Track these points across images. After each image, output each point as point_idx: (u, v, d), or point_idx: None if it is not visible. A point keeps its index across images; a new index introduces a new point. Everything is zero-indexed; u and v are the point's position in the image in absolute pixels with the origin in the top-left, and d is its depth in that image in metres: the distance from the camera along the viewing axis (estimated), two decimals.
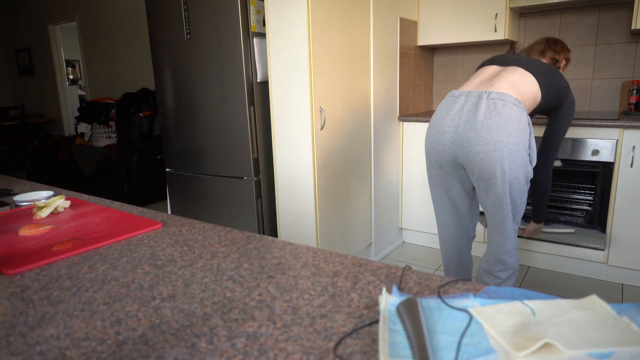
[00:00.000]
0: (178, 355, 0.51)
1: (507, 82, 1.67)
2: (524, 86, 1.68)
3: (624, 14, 2.68)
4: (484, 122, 1.59)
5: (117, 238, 0.90)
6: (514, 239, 1.80)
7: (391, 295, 0.63)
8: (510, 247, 1.80)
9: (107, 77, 5.68)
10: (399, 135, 2.95)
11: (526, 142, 1.63)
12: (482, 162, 1.62)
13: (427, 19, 3.02)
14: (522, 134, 1.60)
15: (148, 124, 4.40)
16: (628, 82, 2.72)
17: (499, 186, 1.64)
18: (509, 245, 1.79)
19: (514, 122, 1.58)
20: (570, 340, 0.50)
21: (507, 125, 1.57)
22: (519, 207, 1.75)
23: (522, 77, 1.70)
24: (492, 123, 1.58)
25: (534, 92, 1.71)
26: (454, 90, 2.01)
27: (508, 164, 1.60)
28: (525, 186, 1.72)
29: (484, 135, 1.59)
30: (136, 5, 5.05)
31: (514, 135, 1.58)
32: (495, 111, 1.59)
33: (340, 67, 2.35)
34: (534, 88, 1.71)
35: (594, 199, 2.43)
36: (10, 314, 0.62)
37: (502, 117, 1.57)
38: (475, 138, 1.61)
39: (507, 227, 1.75)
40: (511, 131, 1.57)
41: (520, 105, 1.61)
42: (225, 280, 0.70)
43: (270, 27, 2.24)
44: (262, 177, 2.54)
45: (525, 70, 1.72)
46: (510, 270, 1.85)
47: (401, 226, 3.10)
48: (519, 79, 1.69)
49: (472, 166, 1.67)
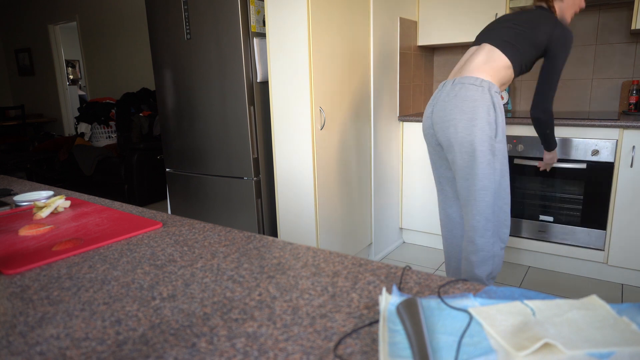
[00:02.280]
0: (178, 355, 0.51)
1: (474, 64, 1.87)
2: (491, 62, 1.85)
3: (624, 14, 2.68)
4: (444, 104, 1.86)
5: (117, 238, 0.90)
6: (485, 218, 1.86)
7: (391, 295, 0.63)
8: (479, 225, 1.87)
9: (107, 77, 5.68)
10: (399, 135, 2.95)
11: (486, 118, 1.77)
12: (444, 137, 1.87)
13: (427, 19, 3.02)
14: (478, 110, 1.77)
15: (148, 124, 4.40)
16: (628, 82, 2.72)
17: (458, 157, 1.85)
18: (475, 222, 1.88)
19: (468, 100, 1.79)
20: (570, 340, 0.50)
21: (461, 104, 1.80)
22: (491, 183, 1.83)
23: (488, 54, 1.87)
24: (449, 104, 1.84)
25: (502, 63, 1.86)
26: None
27: (462, 137, 1.80)
28: (494, 160, 1.81)
29: (442, 114, 1.86)
30: (136, 5, 5.05)
31: (467, 112, 1.78)
32: (453, 93, 1.84)
33: (340, 67, 2.35)
34: (502, 60, 1.86)
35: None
36: (10, 314, 0.62)
37: (458, 98, 1.81)
38: (439, 118, 1.88)
39: (476, 200, 1.86)
40: (464, 108, 1.79)
41: (480, 84, 1.80)
42: (225, 280, 0.70)
43: (270, 27, 2.24)
44: (262, 177, 2.54)
45: (493, 45, 1.88)
46: (481, 252, 1.90)
47: (401, 226, 3.10)
48: (486, 57, 1.87)
49: (442, 143, 1.92)
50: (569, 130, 2.41)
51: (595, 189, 2.41)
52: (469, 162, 1.83)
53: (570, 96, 2.94)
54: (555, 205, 2.58)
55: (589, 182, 2.42)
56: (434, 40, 3.02)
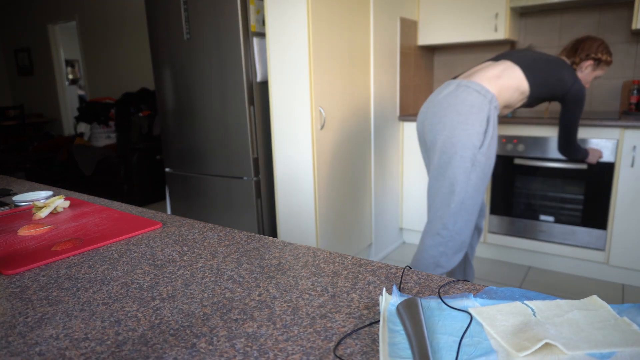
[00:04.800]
0: (178, 355, 0.51)
1: (486, 74, 1.83)
2: (505, 78, 1.81)
3: (624, 14, 2.68)
4: (441, 101, 1.82)
5: (116, 238, 0.90)
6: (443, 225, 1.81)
7: (391, 295, 0.63)
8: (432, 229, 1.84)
9: (107, 77, 5.68)
10: (399, 135, 2.95)
11: (477, 126, 1.73)
12: (431, 134, 1.84)
13: (427, 19, 3.02)
14: (472, 116, 1.74)
15: (147, 123, 4.40)
16: (629, 82, 2.72)
17: (437, 156, 1.82)
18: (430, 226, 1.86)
19: (466, 104, 1.74)
20: (571, 341, 0.49)
21: (459, 105, 1.75)
22: (461, 191, 1.77)
23: (506, 70, 1.83)
24: (445, 102, 1.79)
25: (517, 83, 1.83)
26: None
27: (448, 136, 1.77)
28: (471, 169, 1.75)
29: (435, 110, 1.83)
30: (136, 5, 5.05)
31: (462, 114, 1.74)
32: (454, 94, 1.79)
33: (340, 67, 2.35)
34: (518, 79, 1.83)
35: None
36: (9, 315, 0.62)
37: (457, 99, 1.77)
38: (432, 114, 1.85)
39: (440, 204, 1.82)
40: (460, 110, 1.74)
41: (484, 93, 1.75)
42: (225, 281, 0.70)
43: (270, 27, 2.24)
44: (262, 177, 2.54)
45: (514, 63, 1.85)
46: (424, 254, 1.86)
47: (401, 226, 3.10)
48: (502, 72, 1.82)
49: (427, 141, 1.89)
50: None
51: (596, 189, 2.41)
52: (445, 163, 1.79)
53: None
54: (555, 205, 2.58)
55: (590, 182, 2.42)
56: (434, 40, 3.02)
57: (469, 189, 1.78)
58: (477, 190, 1.79)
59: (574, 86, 1.89)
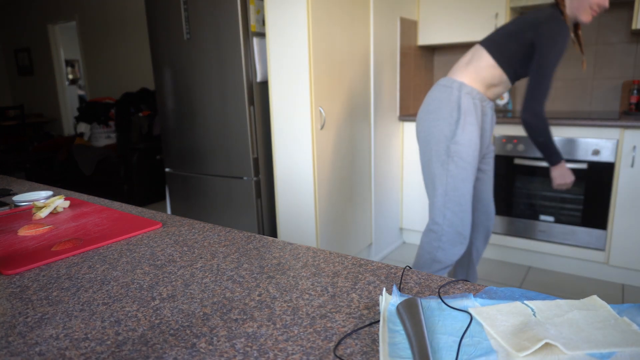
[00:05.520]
0: (178, 355, 0.51)
1: (457, 65, 1.89)
2: (475, 61, 1.84)
3: (624, 14, 2.68)
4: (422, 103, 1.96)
5: (116, 238, 0.90)
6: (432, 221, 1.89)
7: (391, 295, 0.63)
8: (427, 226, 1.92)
9: (107, 77, 5.68)
10: (399, 135, 2.95)
11: (447, 118, 1.78)
12: (416, 136, 1.98)
13: (427, 19, 3.02)
14: (439, 111, 1.81)
15: (147, 123, 4.40)
16: (629, 82, 2.72)
17: (420, 155, 1.93)
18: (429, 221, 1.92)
19: (434, 100, 1.84)
20: (571, 341, 0.49)
21: (429, 104, 1.87)
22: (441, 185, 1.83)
23: (474, 54, 1.86)
24: (422, 105, 1.93)
25: (486, 62, 1.83)
26: None
27: (424, 135, 1.86)
28: (448, 160, 1.79)
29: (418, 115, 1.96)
30: (136, 5, 5.05)
31: (432, 112, 1.84)
32: (427, 95, 1.92)
33: (340, 67, 2.35)
34: (485, 59, 1.83)
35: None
36: (9, 314, 0.62)
37: (428, 99, 1.89)
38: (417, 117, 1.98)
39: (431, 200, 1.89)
40: (430, 108, 1.86)
41: (449, 84, 1.82)
42: (225, 281, 0.70)
43: (270, 27, 2.24)
44: (262, 177, 2.54)
45: (481, 45, 1.87)
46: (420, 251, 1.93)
47: (401, 226, 3.10)
48: (472, 56, 1.86)
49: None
50: (569, 130, 2.41)
51: (596, 189, 2.41)
52: (426, 160, 1.88)
53: (570, 96, 2.94)
54: (555, 205, 2.57)
55: (590, 182, 2.42)
56: (434, 40, 3.02)
57: (450, 180, 1.81)
58: (461, 180, 1.79)
59: (543, 25, 1.69)
